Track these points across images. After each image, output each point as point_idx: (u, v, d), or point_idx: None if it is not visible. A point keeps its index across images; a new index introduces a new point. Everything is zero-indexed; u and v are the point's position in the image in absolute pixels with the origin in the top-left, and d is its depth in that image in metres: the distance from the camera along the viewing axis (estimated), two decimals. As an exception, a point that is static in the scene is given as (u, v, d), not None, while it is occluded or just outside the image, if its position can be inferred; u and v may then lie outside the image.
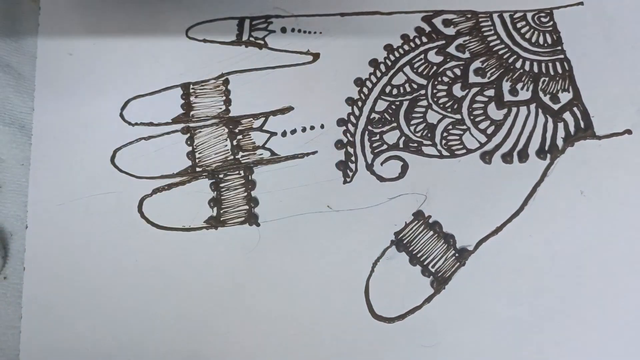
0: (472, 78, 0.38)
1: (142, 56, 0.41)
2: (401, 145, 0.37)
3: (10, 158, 0.38)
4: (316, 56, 0.40)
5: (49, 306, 0.35)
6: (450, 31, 0.39)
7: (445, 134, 0.37)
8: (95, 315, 0.35)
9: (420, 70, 0.39)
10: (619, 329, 0.33)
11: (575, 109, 0.37)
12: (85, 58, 0.41)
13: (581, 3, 0.39)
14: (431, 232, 0.35)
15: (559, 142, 0.36)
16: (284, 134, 0.38)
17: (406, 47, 0.39)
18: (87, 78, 0.40)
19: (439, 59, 0.39)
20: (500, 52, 0.38)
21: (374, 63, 0.39)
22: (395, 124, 0.38)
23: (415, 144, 0.37)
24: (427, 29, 0.39)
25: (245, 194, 0.37)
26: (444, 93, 0.38)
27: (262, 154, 0.38)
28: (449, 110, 0.37)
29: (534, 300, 0.34)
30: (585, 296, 0.34)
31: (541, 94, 0.37)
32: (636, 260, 0.34)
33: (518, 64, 0.38)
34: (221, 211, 0.36)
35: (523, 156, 0.36)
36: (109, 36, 0.41)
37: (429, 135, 0.37)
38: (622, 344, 0.33)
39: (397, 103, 0.38)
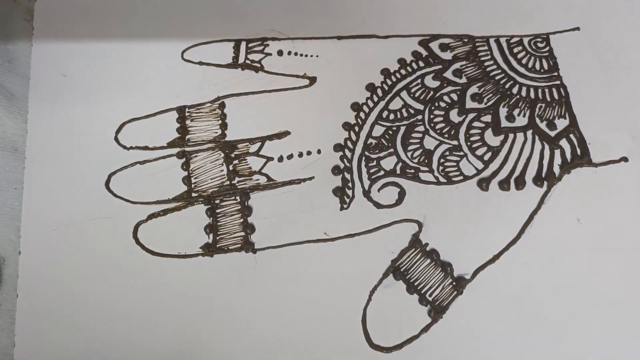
0: (469, 103, 0.38)
1: (136, 78, 0.40)
2: (398, 172, 0.37)
3: (3, 181, 0.38)
4: (313, 80, 0.40)
5: (42, 334, 0.35)
6: (447, 55, 0.39)
7: (442, 160, 0.37)
8: (89, 342, 0.35)
9: (417, 95, 0.38)
10: (617, 356, 0.34)
11: (571, 135, 0.37)
12: (79, 79, 0.40)
13: (577, 28, 0.39)
14: (428, 260, 0.35)
15: (556, 169, 0.36)
16: (280, 159, 0.38)
17: (403, 72, 0.39)
18: (81, 100, 0.40)
19: (436, 83, 0.39)
20: (497, 78, 0.38)
21: (370, 87, 0.39)
22: (392, 150, 0.37)
23: (412, 170, 0.37)
24: (424, 53, 0.39)
25: (242, 220, 0.36)
26: (441, 118, 0.38)
27: (258, 180, 0.37)
28: (446, 136, 0.37)
29: (531, 328, 0.34)
30: (582, 324, 0.34)
31: (538, 120, 0.37)
32: (632, 287, 0.35)
33: (515, 90, 0.38)
34: (217, 238, 0.36)
35: (520, 183, 0.36)
36: (103, 57, 0.41)
37: (426, 161, 0.37)
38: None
39: (394, 128, 0.38)
